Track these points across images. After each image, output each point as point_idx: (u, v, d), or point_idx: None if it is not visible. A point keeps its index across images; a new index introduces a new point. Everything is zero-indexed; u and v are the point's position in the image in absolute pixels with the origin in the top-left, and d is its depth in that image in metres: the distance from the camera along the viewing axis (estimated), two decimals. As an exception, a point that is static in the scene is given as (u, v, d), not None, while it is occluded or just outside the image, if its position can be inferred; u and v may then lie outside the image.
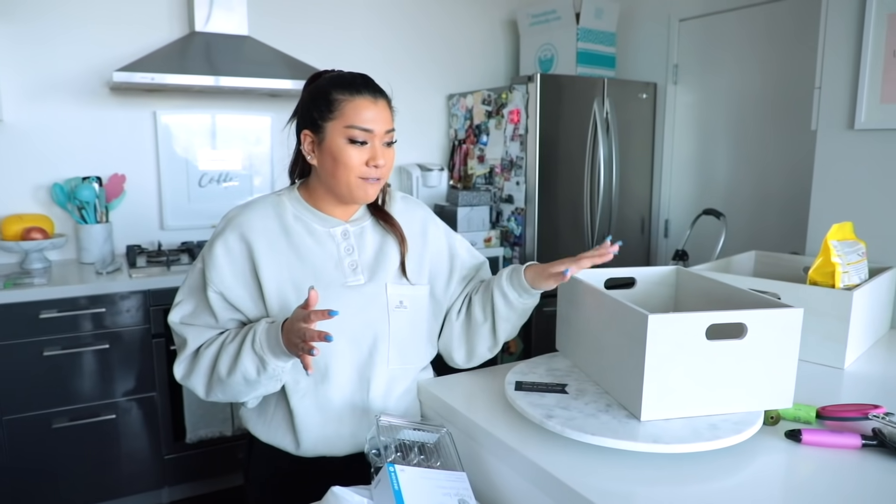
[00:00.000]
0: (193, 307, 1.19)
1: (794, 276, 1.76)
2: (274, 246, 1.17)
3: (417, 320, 1.26)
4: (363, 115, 1.13)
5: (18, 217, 2.56)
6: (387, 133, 1.16)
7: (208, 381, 1.16)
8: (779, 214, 2.81)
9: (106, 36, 2.72)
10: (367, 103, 1.14)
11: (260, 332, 1.10)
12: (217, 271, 1.16)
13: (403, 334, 1.23)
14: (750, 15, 2.85)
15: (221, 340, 1.16)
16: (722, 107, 3.02)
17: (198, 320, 1.18)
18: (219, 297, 1.16)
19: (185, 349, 1.17)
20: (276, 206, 1.21)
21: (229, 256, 1.16)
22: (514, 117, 3.03)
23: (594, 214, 3.14)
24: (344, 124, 1.13)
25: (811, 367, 1.39)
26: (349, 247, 1.22)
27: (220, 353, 1.14)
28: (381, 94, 1.17)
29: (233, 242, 1.17)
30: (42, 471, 2.27)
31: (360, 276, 1.20)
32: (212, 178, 3.00)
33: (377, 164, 1.14)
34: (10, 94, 2.60)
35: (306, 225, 1.20)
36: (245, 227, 1.17)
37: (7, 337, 2.17)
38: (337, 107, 1.13)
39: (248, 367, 1.10)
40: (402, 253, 1.24)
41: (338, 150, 1.13)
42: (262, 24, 2.97)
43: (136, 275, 2.40)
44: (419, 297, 1.26)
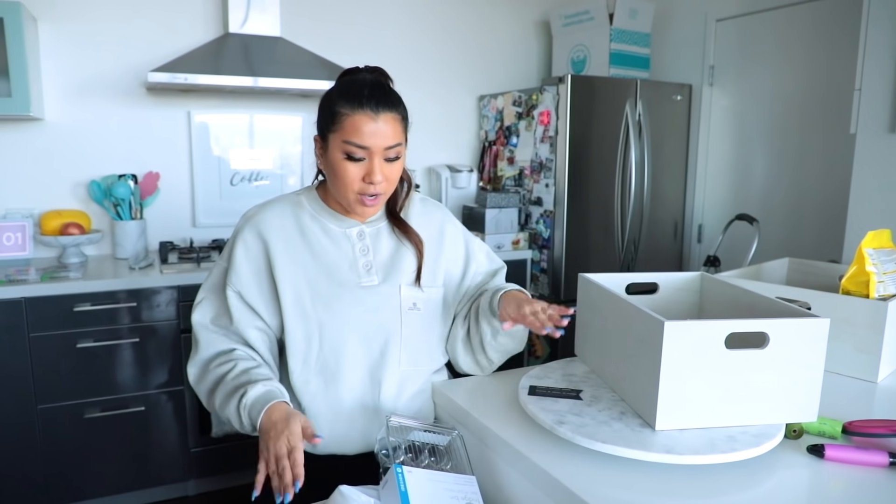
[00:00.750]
0: (214, 309, 1.20)
1: (828, 285, 1.69)
2: (290, 244, 1.18)
3: (430, 323, 1.25)
4: (361, 132, 1.10)
5: (57, 213, 2.64)
6: (388, 149, 1.13)
7: (208, 399, 1.18)
8: (817, 221, 2.72)
9: (144, 37, 2.79)
10: (366, 119, 1.10)
11: (250, 396, 1.07)
12: (235, 270, 1.18)
13: (416, 336, 1.23)
14: (789, 15, 2.77)
15: (226, 370, 1.14)
16: (759, 109, 2.94)
17: (217, 322, 1.19)
18: (237, 297, 1.18)
19: (197, 354, 1.19)
20: (293, 205, 1.22)
21: (247, 255, 1.18)
22: (544, 119, 3.00)
23: (625, 218, 3.09)
24: (342, 139, 1.11)
25: (842, 380, 1.34)
26: (364, 247, 1.22)
27: (219, 384, 1.14)
28: (385, 107, 1.12)
29: (250, 241, 1.19)
30: (74, 458, 2.33)
31: (374, 277, 1.20)
32: (243, 176, 3.04)
33: (373, 180, 1.12)
34: (52, 93, 2.69)
35: (323, 225, 1.21)
36: (262, 226, 1.19)
37: (43, 328, 2.24)
38: (338, 120, 1.12)
39: (233, 419, 1.11)
40: (419, 261, 1.24)
41: (336, 163, 1.13)
42: (294, 26, 3.00)
43: (168, 270, 2.45)
44: (433, 299, 1.25)
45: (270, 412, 1.04)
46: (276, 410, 1.05)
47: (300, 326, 1.17)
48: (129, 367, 2.38)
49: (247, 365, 1.14)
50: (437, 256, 1.28)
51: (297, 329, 1.17)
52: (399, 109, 1.15)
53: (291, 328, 1.17)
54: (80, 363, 2.30)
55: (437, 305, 1.26)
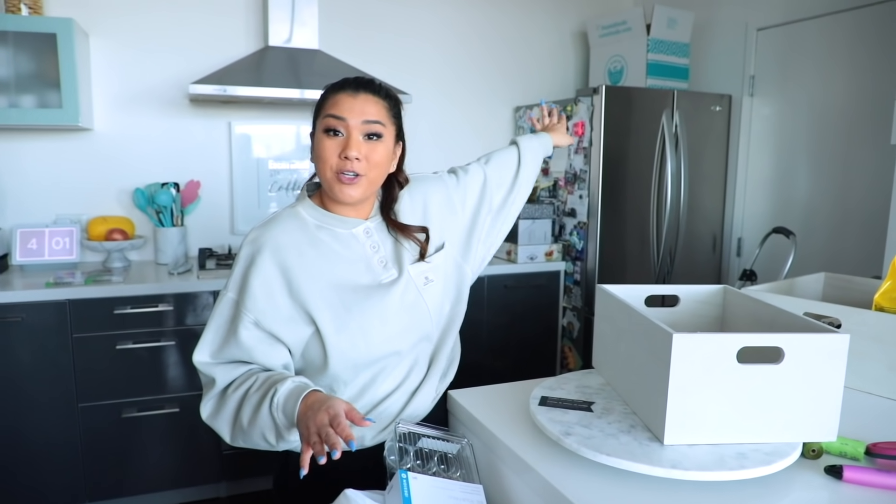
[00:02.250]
0: (221, 342, 1.12)
1: (866, 301, 1.63)
2: (305, 259, 1.14)
3: (444, 286, 1.27)
4: (339, 105, 1.13)
5: (103, 219, 2.75)
6: (366, 123, 1.13)
7: (232, 427, 1.10)
8: (860, 235, 2.62)
9: (187, 51, 2.90)
10: (345, 96, 1.14)
11: (280, 393, 1.02)
12: (251, 296, 1.10)
13: (438, 306, 1.25)
14: (832, 23, 2.69)
15: (248, 386, 1.08)
16: (801, 120, 2.86)
17: (227, 356, 1.11)
18: (253, 327, 1.10)
19: (214, 388, 1.11)
20: (295, 219, 1.19)
21: (262, 279, 1.11)
22: (578, 130, 2.98)
23: (660, 230, 3.04)
24: (323, 115, 1.15)
25: (873, 400, 1.29)
26: (374, 244, 1.21)
27: (244, 400, 1.07)
28: (366, 89, 1.15)
29: (263, 264, 1.11)
30: (111, 456, 2.42)
31: (392, 271, 1.21)
32: (281, 185, 3.11)
33: (348, 154, 1.11)
34: (100, 104, 2.81)
35: (329, 231, 1.19)
36: (273, 246, 1.13)
37: (85, 329, 2.33)
38: (322, 104, 1.16)
39: (266, 428, 1.04)
40: (423, 249, 1.24)
41: (317, 143, 1.15)
42: (332, 38, 3.07)
43: (204, 276, 2.52)
44: (439, 265, 1.26)
45: (306, 400, 0.99)
46: (311, 397, 1.00)
47: (343, 338, 1.13)
48: (165, 368, 2.45)
49: (269, 373, 1.10)
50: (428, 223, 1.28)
51: (340, 341, 1.13)
52: (382, 95, 1.17)
53: (334, 341, 1.12)
54: (119, 364, 2.38)
55: (444, 268, 1.28)
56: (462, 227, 1.34)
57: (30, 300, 2.26)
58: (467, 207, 1.36)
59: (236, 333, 1.09)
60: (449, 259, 1.30)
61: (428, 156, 3.18)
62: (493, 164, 1.44)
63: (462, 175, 1.39)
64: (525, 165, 1.47)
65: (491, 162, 1.44)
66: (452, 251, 1.32)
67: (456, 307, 1.31)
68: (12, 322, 2.25)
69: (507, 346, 3.04)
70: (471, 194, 1.37)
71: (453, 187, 1.36)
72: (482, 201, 1.38)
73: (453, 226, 1.33)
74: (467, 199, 1.36)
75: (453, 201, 1.34)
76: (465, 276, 1.34)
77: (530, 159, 1.49)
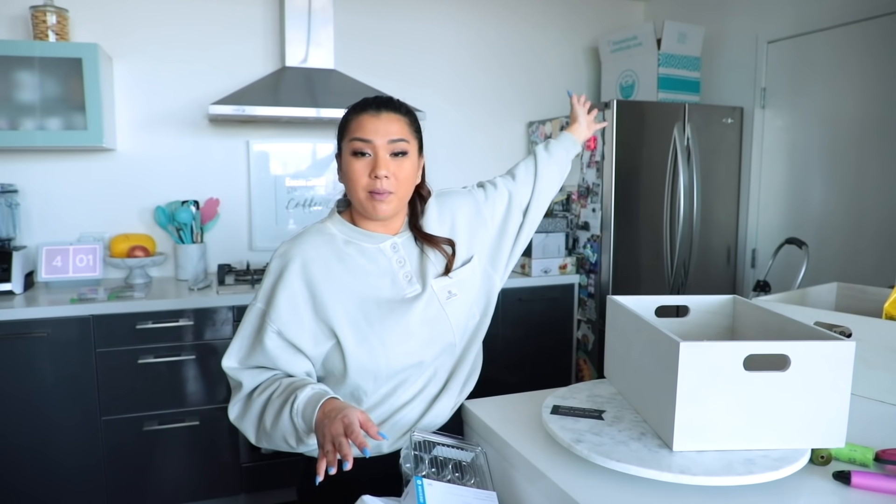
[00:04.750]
0: (248, 349, 1.18)
1: (878, 310, 1.63)
2: (331, 273, 1.19)
3: (468, 299, 1.29)
4: (364, 128, 1.17)
5: (125, 237, 2.82)
6: (392, 142, 1.17)
7: (257, 429, 1.16)
8: (874, 245, 2.62)
9: (207, 73, 2.98)
10: (369, 117, 1.18)
11: (300, 400, 1.07)
12: (276, 308, 1.16)
13: (463, 319, 1.27)
14: (843, 34, 2.71)
15: (272, 391, 1.14)
16: (813, 131, 2.87)
17: (253, 362, 1.18)
18: (276, 336, 1.15)
19: (241, 391, 1.17)
20: (323, 234, 1.24)
21: (288, 291, 1.16)
22: (590, 144, 3.01)
23: (674, 242, 3.05)
24: (349, 139, 1.18)
25: (883, 408, 1.29)
26: (400, 259, 1.25)
27: (267, 404, 1.13)
28: (388, 108, 1.19)
29: (289, 277, 1.17)
30: (132, 469, 2.46)
31: (416, 286, 1.24)
32: (298, 202, 3.17)
33: (378, 174, 1.15)
34: (123, 125, 2.89)
35: (357, 246, 1.23)
36: (300, 260, 1.19)
37: (108, 344, 2.39)
38: (346, 127, 1.20)
39: (287, 432, 1.10)
40: (450, 262, 1.27)
41: (346, 166, 1.19)
42: (347, 57, 3.14)
43: (224, 291, 2.57)
44: (463, 279, 1.28)
45: (324, 407, 1.04)
46: (329, 404, 1.04)
47: (363, 350, 1.17)
48: (185, 382, 2.50)
49: (291, 380, 1.15)
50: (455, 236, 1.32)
51: (360, 354, 1.17)
52: (403, 112, 1.21)
53: (354, 354, 1.16)
54: (141, 378, 2.44)
55: (469, 282, 1.30)
56: (491, 238, 1.38)
57: (55, 315, 2.33)
58: (496, 219, 1.39)
59: (262, 342, 1.16)
60: (477, 271, 1.33)
61: (442, 171, 3.22)
62: (518, 174, 1.48)
63: (490, 189, 1.42)
64: (542, 169, 1.50)
65: (516, 173, 1.49)
66: (482, 263, 1.35)
67: (484, 318, 1.34)
68: (39, 337, 2.31)
69: (523, 359, 3.06)
70: (499, 206, 1.41)
71: (482, 200, 1.39)
72: (509, 211, 1.42)
73: (483, 238, 1.36)
74: (496, 211, 1.40)
75: (483, 214, 1.37)
76: (495, 284, 1.37)
77: (546, 161, 1.51)
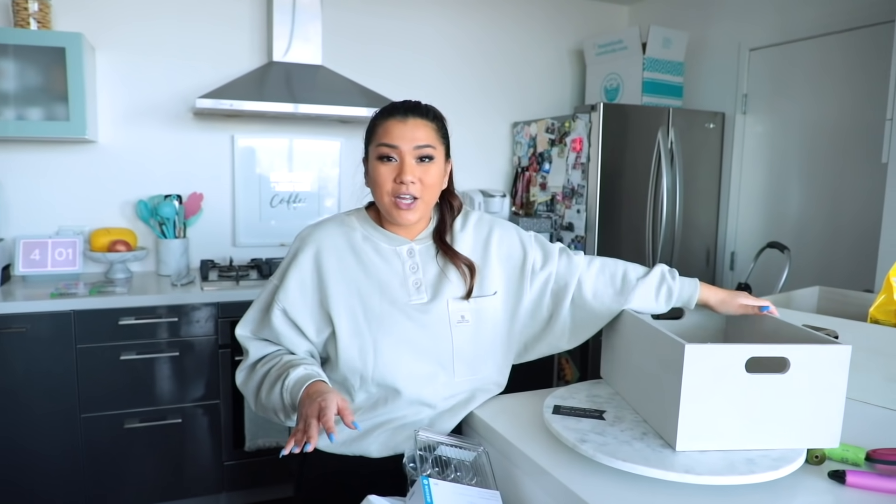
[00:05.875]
0: (255, 321, 1.25)
1: (859, 314, 1.68)
2: (343, 262, 1.23)
3: (483, 332, 1.27)
4: (391, 133, 1.18)
5: (106, 230, 2.77)
6: (418, 148, 1.18)
7: (255, 397, 1.22)
8: (851, 250, 2.69)
9: (192, 65, 2.94)
10: (395, 122, 1.19)
11: (291, 377, 1.12)
12: (285, 288, 1.21)
13: (468, 347, 1.25)
14: (823, 44, 2.78)
15: (272, 365, 1.20)
16: (793, 138, 2.94)
17: (262, 334, 1.25)
18: (281, 314, 1.21)
19: (247, 359, 1.25)
20: (344, 225, 1.27)
21: (299, 273, 1.22)
22: (576, 146, 3.05)
23: (656, 245, 3.10)
24: (376, 143, 1.20)
25: (868, 409, 1.34)
26: (414, 265, 1.25)
27: (265, 377, 1.19)
28: (415, 114, 1.20)
29: (303, 260, 1.23)
30: (113, 467, 2.42)
31: (423, 295, 1.23)
32: (282, 198, 3.15)
33: (403, 179, 1.17)
34: (106, 117, 2.84)
35: (374, 244, 1.25)
36: (316, 245, 1.24)
37: (89, 340, 2.34)
38: (373, 131, 1.22)
39: (277, 406, 1.16)
40: (470, 281, 1.25)
41: (373, 170, 1.21)
42: (335, 53, 3.12)
43: (208, 288, 2.54)
44: (483, 309, 1.27)
45: (309, 388, 1.09)
46: (314, 386, 1.09)
47: (355, 344, 1.19)
48: (168, 379, 2.47)
49: (290, 357, 1.21)
50: (484, 265, 1.29)
51: (352, 346, 1.19)
52: (430, 118, 1.22)
53: (346, 345, 1.19)
54: (123, 375, 2.40)
55: (491, 314, 1.28)
56: (521, 298, 1.33)
57: (34, 310, 2.28)
58: (535, 285, 1.34)
59: (270, 318, 1.22)
60: (499, 310, 1.30)
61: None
62: (601, 274, 1.40)
63: (555, 258, 1.36)
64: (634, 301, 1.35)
65: (603, 271, 1.41)
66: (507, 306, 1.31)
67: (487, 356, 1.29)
68: (17, 333, 2.26)
69: (506, 358, 3.07)
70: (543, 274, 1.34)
71: (539, 259, 1.34)
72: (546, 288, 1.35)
73: (514, 287, 1.32)
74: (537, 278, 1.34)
75: (526, 269, 1.32)
76: (514, 342, 1.35)
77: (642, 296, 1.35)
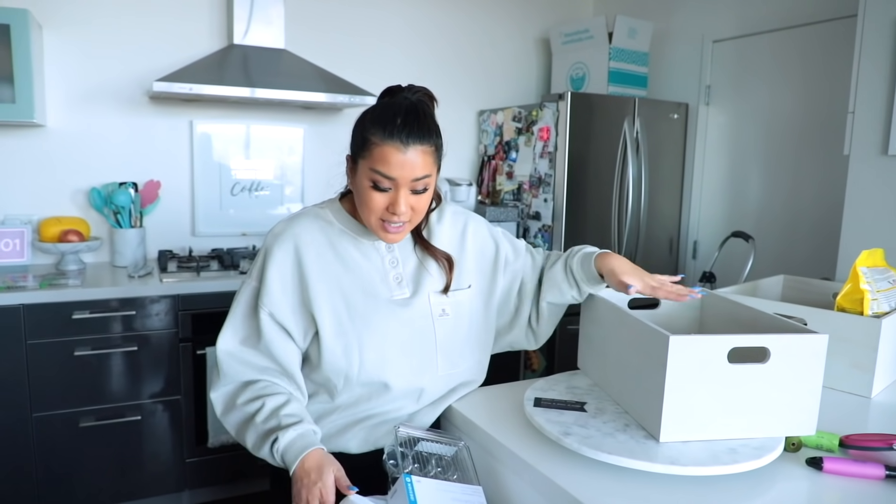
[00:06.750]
0: (243, 331, 1.18)
1: (822, 302, 1.73)
2: (322, 259, 1.18)
3: (461, 325, 1.26)
4: (388, 162, 1.08)
5: (56, 219, 2.65)
6: (415, 181, 1.11)
7: (238, 433, 1.17)
8: (809, 239, 2.77)
9: (147, 47, 2.81)
10: (394, 150, 1.08)
11: (283, 442, 1.09)
12: (267, 289, 1.16)
13: (449, 340, 1.24)
14: (784, 38, 2.83)
15: (256, 408, 1.13)
16: (754, 129, 2.99)
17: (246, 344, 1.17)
18: (269, 318, 1.16)
19: (221, 383, 1.18)
20: (320, 219, 1.22)
21: (279, 273, 1.16)
22: (543, 135, 3.04)
23: (622, 233, 3.13)
24: (370, 166, 1.10)
25: (836, 395, 1.37)
26: (394, 259, 1.22)
27: (250, 424, 1.14)
28: (416, 139, 1.09)
29: (281, 258, 1.17)
30: (68, 468, 2.32)
31: (405, 290, 1.21)
32: (244, 186, 3.06)
33: (396, 211, 1.11)
34: (55, 100, 2.70)
35: (351, 238, 1.21)
36: (294, 242, 1.18)
37: (41, 336, 2.23)
38: (367, 147, 1.11)
39: (267, 457, 1.13)
40: (448, 274, 1.24)
41: (363, 189, 1.13)
42: (298, 38, 3.03)
43: (167, 279, 2.45)
44: (461, 302, 1.26)
45: (304, 461, 1.06)
46: (310, 459, 1.06)
47: (339, 343, 1.16)
48: (125, 375, 2.37)
49: (274, 404, 1.13)
50: (460, 259, 1.29)
51: (336, 346, 1.16)
52: (431, 140, 1.12)
53: (330, 345, 1.16)
54: (77, 371, 2.30)
55: (467, 307, 1.27)
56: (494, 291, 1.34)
57: (-19, 305, 2.16)
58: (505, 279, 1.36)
59: (258, 324, 1.16)
60: (476, 303, 1.30)
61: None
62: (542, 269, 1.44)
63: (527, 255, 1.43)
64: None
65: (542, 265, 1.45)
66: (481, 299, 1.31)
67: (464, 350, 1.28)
68: (-38, 328, 2.14)
69: (473, 347, 3.06)
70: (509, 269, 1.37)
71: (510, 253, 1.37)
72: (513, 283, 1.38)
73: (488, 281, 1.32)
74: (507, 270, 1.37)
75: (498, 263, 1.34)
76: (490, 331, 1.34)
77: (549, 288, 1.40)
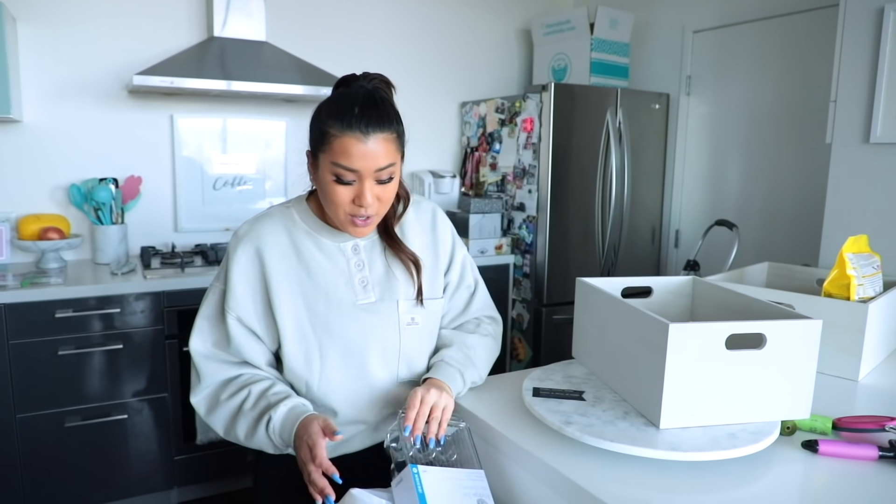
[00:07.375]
0: (214, 334, 1.16)
1: (806, 288, 1.76)
2: (285, 262, 1.15)
3: (427, 333, 1.24)
4: (350, 154, 1.04)
5: (36, 217, 2.59)
6: (379, 171, 1.07)
7: (227, 430, 1.16)
8: (790, 227, 2.81)
9: (125, 40, 2.76)
10: (355, 141, 1.04)
11: (276, 420, 1.09)
12: (233, 294, 1.14)
13: (414, 350, 1.22)
14: (764, 27, 2.86)
15: (242, 398, 1.13)
16: (735, 118, 3.03)
17: (217, 346, 1.16)
18: (237, 322, 1.14)
19: (200, 385, 1.16)
20: (285, 219, 1.18)
21: (244, 276, 1.14)
22: (527, 126, 3.05)
23: (605, 223, 3.15)
24: (331, 160, 1.06)
25: (825, 379, 1.40)
26: (359, 262, 1.19)
27: (239, 415, 1.13)
28: (376, 127, 1.05)
29: (245, 261, 1.15)
30: (54, 469, 2.29)
31: (370, 294, 1.18)
32: (226, 181, 3.02)
33: (363, 203, 1.07)
34: (30, 95, 2.64)
35: (316, 240, 1.17)
36: (257, 244, 1.15)
37: (23, 336, 2.19)
38: (326, 140, 1.06)
39: (264, 444, 1.13)
40: (418, 280, 1.21)
41: (326, 185, 1.08)
42: (279, 30, 3.00)
43: (151, 276, 2.42)
44: (433, 312, 1.24)
45: (299, 430, 1.07)
46: (302, 427, 1.07)
47: (300, 349, 1.15)
48: (111, 374, 2.34)
49: (260, 388, 1.13)
50: (435, 265, 1.25)
51: (297, 352, 1.15)
52: (392, 128, 1.08)
53: (291, 351, 1.15)
54: (61, 371, 2.26)
55: (436, 317, 1.26)
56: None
57: (-40, 305, 2.12)
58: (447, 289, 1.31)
59: (226, 328, 1.15)
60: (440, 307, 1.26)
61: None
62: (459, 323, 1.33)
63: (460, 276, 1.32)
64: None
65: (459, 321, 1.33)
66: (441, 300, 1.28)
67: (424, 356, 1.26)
68: (-59, 329, 2.09)
69: (460, 339, 3.07)
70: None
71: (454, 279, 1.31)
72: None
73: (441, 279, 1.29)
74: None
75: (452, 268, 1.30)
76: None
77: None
